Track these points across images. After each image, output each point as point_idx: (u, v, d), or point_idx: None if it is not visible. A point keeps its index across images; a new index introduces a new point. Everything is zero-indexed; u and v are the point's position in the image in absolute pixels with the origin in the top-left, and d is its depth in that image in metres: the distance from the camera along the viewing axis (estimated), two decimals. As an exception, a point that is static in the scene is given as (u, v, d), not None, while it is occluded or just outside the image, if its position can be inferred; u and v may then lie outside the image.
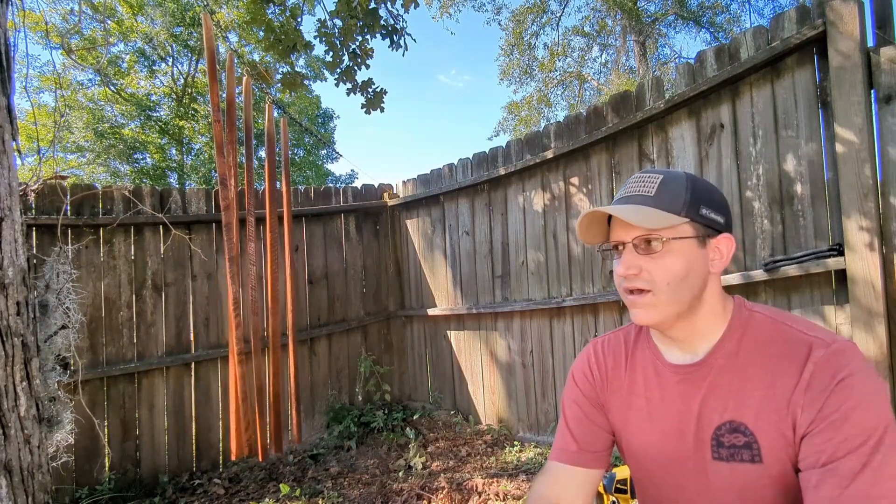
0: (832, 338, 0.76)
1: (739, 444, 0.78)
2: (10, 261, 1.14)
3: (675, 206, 0.80)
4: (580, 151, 3.32)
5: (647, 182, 0.83)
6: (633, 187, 0.85)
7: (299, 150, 15.67)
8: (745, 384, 0.79)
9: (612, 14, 13.42)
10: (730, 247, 0.84)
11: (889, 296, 2.03)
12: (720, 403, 0.81)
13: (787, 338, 0.78)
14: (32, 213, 3.00)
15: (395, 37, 3.19)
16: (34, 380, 1.20)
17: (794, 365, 0.75)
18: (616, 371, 0.97)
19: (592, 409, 0.99)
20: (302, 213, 4.10)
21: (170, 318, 3.48)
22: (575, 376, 1.03)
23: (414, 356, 4.65)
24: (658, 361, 0.91)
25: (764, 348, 0.80)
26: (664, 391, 0.88)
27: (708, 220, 0.81)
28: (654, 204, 0.81)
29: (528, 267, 3.67)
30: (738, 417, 0.79)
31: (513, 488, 2.83)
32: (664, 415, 0.88)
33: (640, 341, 0.97)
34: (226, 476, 3.39)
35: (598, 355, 1.01)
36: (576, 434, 0.97)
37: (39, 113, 9.70)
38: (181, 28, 12.75)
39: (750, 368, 0.79)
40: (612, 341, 1.01)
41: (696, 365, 0.84)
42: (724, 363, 0.82)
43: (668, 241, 0.79)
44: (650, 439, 0.90)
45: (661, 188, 0.82)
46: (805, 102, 2.31)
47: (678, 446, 0.86)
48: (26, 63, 3.48)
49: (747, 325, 0.83)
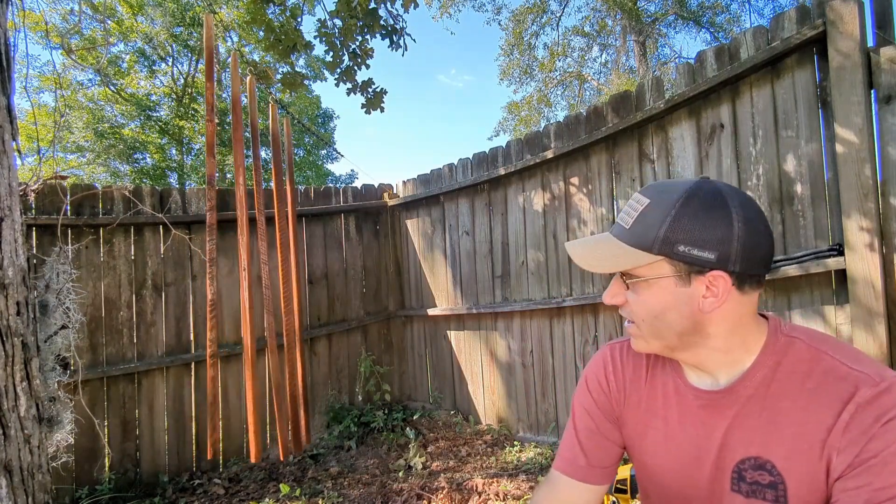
0: (881, 374, 0.68)
1: (764, 483, 0.72)
2: (10, 261, 1.14)
3: (647, 242, 0.73)
4: (580, 151, 3.32)
5: (632, 208, 0.77)
6: (622, 213, 0.79)
7: (299, 150, 15.66)
8: (776, 418, 0.72)
9: (612, 14, 13.42)
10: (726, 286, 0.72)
11: (889, 296, 2.03)
12: (746, 436, 0.74)
13: (829, 370, 0.70)
14: (32, 213, 3.00)
15: (394, 37, 3.19)
16: (34, 380, 1.20)
17: (833, 402, 0.68)
18: (635, 384, 0.90)
19: (606, 422, 0.92)
20: (302, 213, 4.10)
21: (170, 318, 3.48)
22: (589, 383, 0.95)
23: (414, 356, 4.65)
24: (679, 380, 0.84)
25: (801, 380, 0.72)
26: (683, 414, 0.82)
27: (688, 257, 0.71)
28: (626, 238, 0.75)
29: (528, 267, 3.67)
30: (764, 454, 0.72)
31: (513, 488, 2.83)
32: (682, 439, 0.82)
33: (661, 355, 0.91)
34: (226, 476, 3.39)
35: (617, 363, 0.93)
36: (586, 447, 0.91)
37: (39, 113, 9.70)
38: (181, 28, 12.75)
39: (783, 402, 0.72)
40: (631, 349, 0.92)
41: (722, 392, 0.77)
42: (752, 393, 0.75)
43: (636, 282, 0.75)
44: (665, 462, 0.85)
45: (638, 219, 0.75)
46: (805, 102, 2.31)
47: (694, 473, 0.80)
48: (26, 63, 3.48)
49: (785, 353, 0.75)
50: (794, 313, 2.37)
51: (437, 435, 3.89)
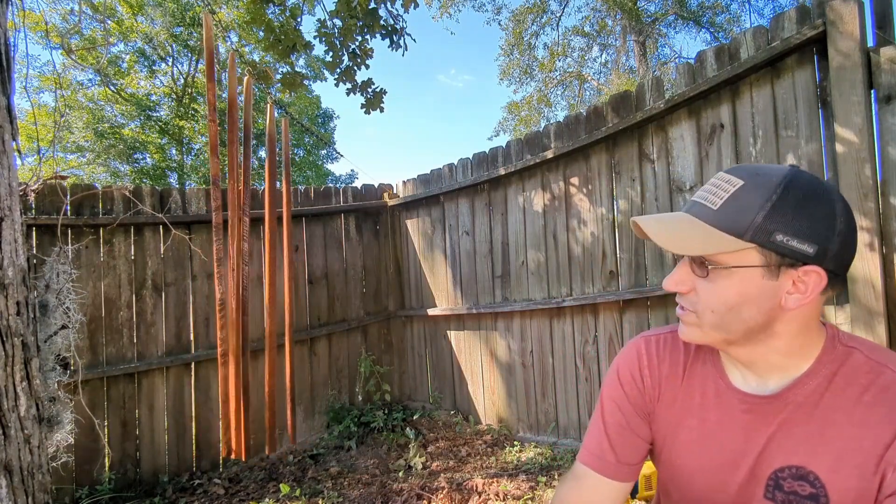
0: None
1: (804, 494, 0.69)
2: (10, 261, 1.14)
3: (739, 227, 0.66)
4: (580, 151, 3.32)
5: (721, 189, 0.70)
6: (704, 192, 0.72)
7: (299, 150, 15.67)
8: (825, 429, 0.69)
9: (612, 14, 13.42)
10: (818, 283, 0.68)
11: (889, 296, 2.03)
12: (790, 445, 0.72)
13: (889, 385, 0.68)
14: (32, 213, 3.00)
15: (394, 37, 3.19)
16: (34, 380, 1.20)
17: (893, 418, 0.65)
18: (671, 381, 0.86)
19: (637, 418, 0.88)
20: (302, 213, 4.10)
21: (170, 318, 3.48)
22: (621, 374, 0.90)
23: (414, 356, 4.65)
24: (721, 381, 0.80)
25: (858, 393, 0.69)
26: (723, 416, 0.79)
27: (785, 248, 0.66)
28: (713, 220, 0.68)
29: (528, 267, 3.67)
30: (808, 465, 0.69)
31: (513, 488, 2.83)
32: (719, 442, 0.79)
33: (701, 352, 0.85)
34: (226, 476, 3.39)
35: (652, 357, 0.88)
36: (615, 443, 0.87)
37: (39, 113, 9.70)
38: (181, 28, 12.75)
39: (836, 413, 0.69)
40: (668, 343, 0.88)
41: (770, 398, 0.74)
42: (803, 400, 0.72)
43: (717, 269, 0.69)
44: (697, 464, 0.81)
45: (730, 201, 0.68)
46: (805, 102, 2.31)
47: (728, 478, 0.77)
48: (26, 63, 3.48)
49: (842, 364, 0.72)
50: None
51: (437, 435, 3.89)
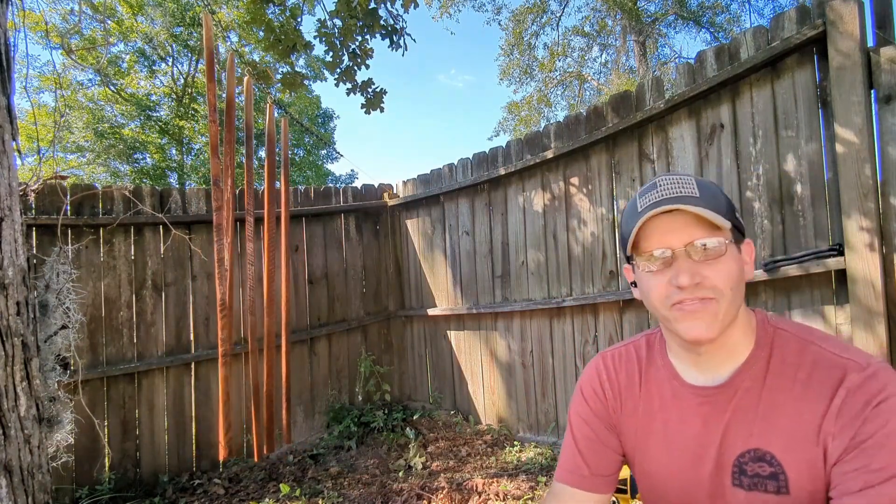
0: (867, 360, 0.70)
1: (764, 475, 0.73)
2: (10, 261, 1.14)
3: (720, 207, 0.73)
4: (580, 151, 3.31)
5: (685, 183, 0.75)
6: (670, 188, 0.75)
7: (299, 150, 15.67)
8: (772, 410, 0.74)
9: (612, 14, 13.42)
10: (752, 252, 0.80)
11: (889, 296, 2.03)
12: (745, 429, 0.76)
13: (818, 360, 0.73)
14: (32, 213, 3.00)
15: (394, 37, 3.19)
16: (34, 380, 1.20)
17: (824, 390, 0.70)
18: (630, 390, 0.90)
19: (604, 430, 0.92)
20: (302, 213, 4.10)
21: (170, 318, 3.48)
22: (584, 391, 0.95)
23: (414, 356, 4.65)
24: (675, 381, 0.84)
25: (792, 371, 0.74)
26: (683, 414, 0.83)
27: (740, 224, 0.76)
28: (704, 204, 0.72)
29: (528, 267, 3.67)
30: (763, 446, 0.74)
31: (513, 488, 2.83)
32: (683, 439, 0.83)
33: (653, 357, 0.90)
34: (226, 476, 3.39)
35: (610, 371, 0.93)
36: (586, 456, 0.91)
37: (39, 113, 9.70)
38: (181, 28, 12.75)
39: (777, 393, 0.74)
40: (623, 356, 0.94)
41: (721, 387, 0.79)
42: (749, 385, 0.76)
43: (719, 249, 0.73)
44: (666, 463, 0.85)
45: (701, 189, 0.74)
46: (805, 102, 2.31)
47: (697, 472, 0.81)
48: (26, 63, 3.48)
49: (774, 345, 0.77)
50: (794, 313, 2.37)
51: (437, 435, 3.89)
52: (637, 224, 0.75)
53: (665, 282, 0.75)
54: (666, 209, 0.73)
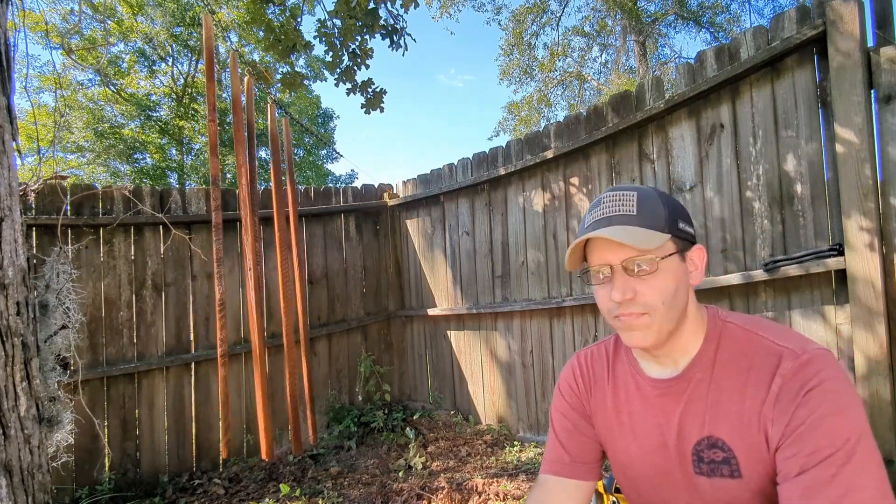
0: (803, 347, 0.73)
1: (718, 460, 0.78)
2: (10, 261, 1.14)
3: (658, 222, 0.78)
4: (580, 151, 3.32)
5: (625, 200, 0.80)
6: (611, 207, 0.80)
7: (299, 150, 15.66)
8: (720, 398, 0.78)
9: (612, 14, 13.42)
10: (702, 257, 0.83)
11: (889, 295, 2.03)
12: (698, 418, 0.80)
13: (757, 349, 0.77)
14: (32, 213, 3.00)
15: (394, 37, 3.19)
16: (34, 380, 1.20)
17: (763, 377, 0.74)
18: (599, 384, 0.96)
19: (582, 421, 0.98)
20: (302, 212, 4.10)
21: (170, 318, 3.48)
22: (561, 388, 1.02)
23: (414, 356, 4.65)
24: (638, 376, 0.90)
25: (736, 360, 0.78)
26: (645, 405, 0.88)
27: (685, 233, 0.80)
28: (638, 223, 0.77)
29: (528, 267, 3.67)
30: (715, 433, 0.78)
31: (513, 488, 2.83)
32: (646, 429, 0.87)
33: (619, 354, 0.96)
34: (226, 476, 3.39)
35: (583, 367, 1.00)
36: (567, 446, 0.97)
37: (39, 113, 9.70)
38: (181, 28, 12.75)
39: (724, 382, 0.78)
40: (594, 354, 1.00)
41: (675, 379, 0.84)
42: (700, 376, 0.81)
43: (658, 261, 0.76)
44: (635, 453, 0.89)
45: (640, 206, 0.79)
46: (805, 102, 2.31)
47: (662, 461, 0.85)
48: (26, 63, 3.48)
49: (721, 337, 0.82)
50: (794, 313, 2.37)
51: (437, 435, 3.88)
52: (575, 242, 0.82)
53: (607, 295, 0.80)
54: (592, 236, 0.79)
